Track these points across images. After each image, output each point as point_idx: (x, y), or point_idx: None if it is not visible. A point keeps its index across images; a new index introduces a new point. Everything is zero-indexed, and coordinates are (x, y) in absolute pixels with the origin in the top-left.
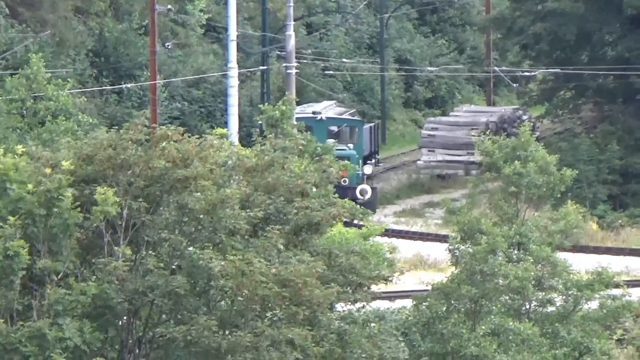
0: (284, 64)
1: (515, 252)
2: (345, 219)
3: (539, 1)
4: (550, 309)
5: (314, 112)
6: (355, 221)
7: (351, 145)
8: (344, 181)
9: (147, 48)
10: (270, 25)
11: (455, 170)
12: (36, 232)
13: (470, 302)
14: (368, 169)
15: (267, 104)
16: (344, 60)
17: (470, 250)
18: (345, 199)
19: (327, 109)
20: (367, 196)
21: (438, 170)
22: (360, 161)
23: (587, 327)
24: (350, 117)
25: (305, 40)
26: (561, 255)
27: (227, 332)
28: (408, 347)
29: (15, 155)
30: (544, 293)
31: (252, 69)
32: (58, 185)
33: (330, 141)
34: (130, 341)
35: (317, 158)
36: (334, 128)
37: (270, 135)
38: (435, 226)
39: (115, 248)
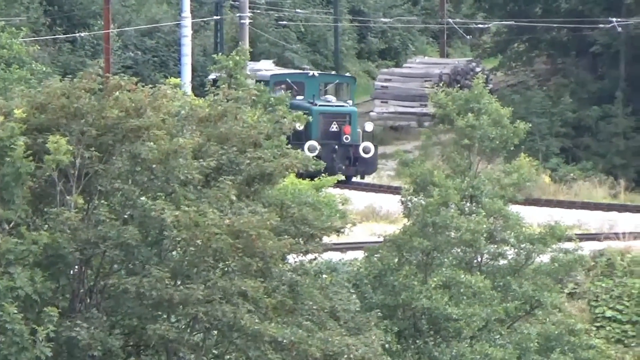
0: (238, 14)
1: (468, 204)
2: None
3: None
4: (502, 262)
5: (303, 69)
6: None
7: (350, 102)
8: (346, 138)
9: None
10: None
11: (408, 121)
12: None
13: (422, 255)
14: (369, 126)
15: (220, 54)
16: (298, 10)
17: (423, 202)
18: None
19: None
20: (371, 153)
21: (391, 121)
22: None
23: (539, 280)
24: (341, 74)
25: None
26: (513, 209)
27: (179, 283)
28: (359, 298)
29: None
30: (495, 246)
31: (205, 19)
32: (10, 133)
33: (331, 98)
34: (82, 290)
35: (271, 109)
36: (324, 84)
37: (223, 85)
38: (387, 178)
39: (68, 197)
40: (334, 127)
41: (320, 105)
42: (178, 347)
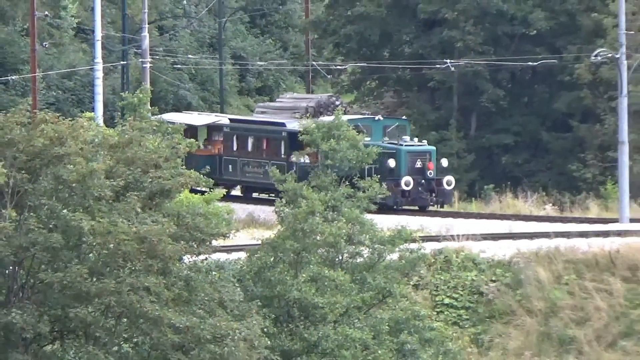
0: (140, 60)
1: (330, 213)
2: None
3: (349, 7)
4: (359, 260)
5: (368, 114)
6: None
7: (425, 141)
8: (430, 173)
9: (29, 47)
10: (128, 27)
11: None
12: None
13: (293, 254)
14: (445, 162)
15: (127, 92)
16: (189, 56)
17: (293, 212)
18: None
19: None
20: (452, 186)
21: None
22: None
23: (389, 274)
24: (399, 118)
25: (158, 39)
26: (368, 217)
27: (94, 280)
28: (243, 291)
29: None
30: (354, 247)
31: (114, 64)
32: None
33: (407, 138)
34: (15, 287)
35: (168, 136)
36: (387, 126)
37: (129, 118)
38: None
39: (3, 211)
40: (419, 164)
41: (406, 146)
42: (95, 330)
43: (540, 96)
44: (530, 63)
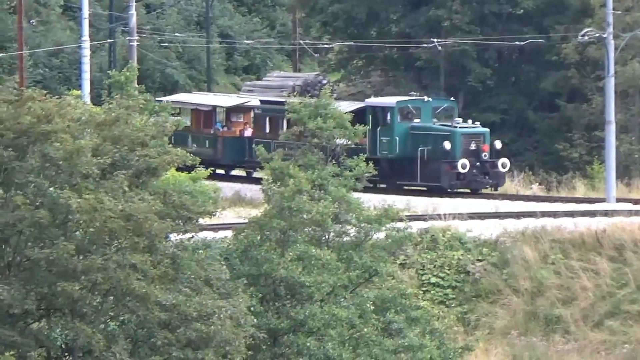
0: (128, 38)
1: (317, 192)
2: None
3: None
4: (346, 238)
5: (417, 95)
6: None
7: (478, 123)
8: (485, 155)
9: (16, 24)
10: (116, 5)
11: None
12: None
13: (280, 233)
14: (499, 144)
15: (114, 70)
16: (177, 34)
17: (280, 190)
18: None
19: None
20: (507, 168)
21: None
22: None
23: (376, 253)
24: (446, 99)
25: (145, 18)
26: (355, 195)
27: (81, 257)
28: (229, 269)
29: None
30: (340, 226)
31: (101, 42)
32: None
33: (459, 120)
34: (2, 264)
35: (155, 114)
36: (436, 107)
37: (116, 96)
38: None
39: None
40: (473, 146)
41: (461, 128)
42: (82, 307)
43: (527, 75)
44: (517, 42)
